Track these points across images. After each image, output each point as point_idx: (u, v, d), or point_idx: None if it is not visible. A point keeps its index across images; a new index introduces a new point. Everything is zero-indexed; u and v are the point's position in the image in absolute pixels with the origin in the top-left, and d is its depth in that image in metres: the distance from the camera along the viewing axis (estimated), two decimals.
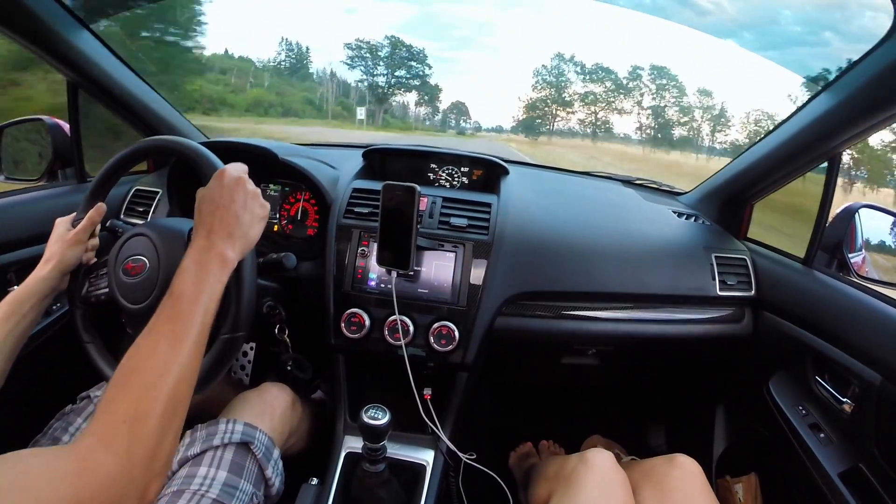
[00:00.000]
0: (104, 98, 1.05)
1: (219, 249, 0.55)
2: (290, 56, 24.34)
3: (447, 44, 66.24)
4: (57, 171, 1.07)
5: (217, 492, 0.65)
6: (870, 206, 0.90)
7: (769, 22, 6.09)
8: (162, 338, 0.47)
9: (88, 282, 0.72)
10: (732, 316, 0.99)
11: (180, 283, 0.51)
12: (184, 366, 0.46)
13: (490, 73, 74.50)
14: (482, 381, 1.15)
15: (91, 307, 0.72)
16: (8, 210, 0.93)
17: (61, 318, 0.94)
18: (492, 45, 77.31)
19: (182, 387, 0.45)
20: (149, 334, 0.47)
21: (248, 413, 0.78)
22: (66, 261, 0.69)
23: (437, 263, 0.88)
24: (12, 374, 0.86)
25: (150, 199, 1.07)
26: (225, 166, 0.62)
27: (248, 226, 0.60)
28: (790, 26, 6.24)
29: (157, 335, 0.47)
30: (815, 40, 7.42)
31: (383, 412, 0.72)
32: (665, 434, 1.35)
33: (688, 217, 1.11)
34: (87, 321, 0.72)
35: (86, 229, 0.70)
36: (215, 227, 0.56)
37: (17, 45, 0.87)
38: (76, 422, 0.72)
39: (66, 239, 0.69)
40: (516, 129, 28.57)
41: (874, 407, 0.72)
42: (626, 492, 0.71)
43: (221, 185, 0.59)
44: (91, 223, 0.71)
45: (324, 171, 1.03)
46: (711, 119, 26.68)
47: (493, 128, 29.27)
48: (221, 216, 0.57)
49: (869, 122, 0.77)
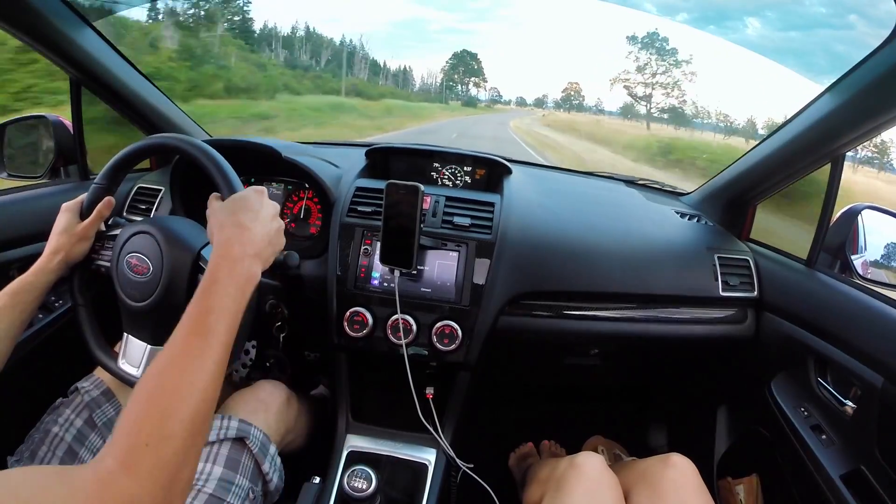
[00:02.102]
0: (107, 96, 1.05)
1: (248, 264, 0.54)
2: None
3: (465, 15, 66.32)
4: (60, 168, 1.07)
5: (213, 487, 0.65)
6: (873, 208, 0.90)
7: (793, 2, 6.06)
8: (187, 355, 0.45)
9: (94, 248, 0.72)
10: (735, 317, 0.99)
11: (209, 297, 0.49)
12: (209, 384, 0.45)
13: (508, 44, 74.74)
14: (484, 381, 1.15)
15: (90, 273, 0.72)
16: (10, 207, 0.93)
17: (63, 316, 0.94)
18: (508, 16, 77.61)
19: (206, 406, 0.44)
20: (173, 348, 0.45)
21: (242, 410, 0.78)
22: (73, 255, 0.69)
23: (440, 262, 0.88)
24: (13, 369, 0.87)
25: (152, 197, 1.07)
26: (261, 188, 0.62)
27: (271, 252, 0.60)
28: (815, 7, 6.20)
29: (182, 351, 0.45)
30: (839, 23, 7.40)
31: (368, 479, 0.72)
32: (666, 434, 1.35)
33: (690, 217, 1.11)
34: (84, 284, 0.72)
35: (94, 224, 0.70)
36: (246, 241, 0.55)
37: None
38: (65, 413, 0.72)
39: (75, 233, 0.69)
40: (540, 103, 29.03)
41: (876, 409, 0.71)
42: (616, 494, 0.70)
43: (262, 203, 0.59)
44: (100, 217, 0.71)
45: (327, 169, 1.03)
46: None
47: (516, 100, 29.75)
48: (255, 233, 0.56)
49: (872, 123, 0.77)
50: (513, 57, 74.06)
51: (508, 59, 72.28)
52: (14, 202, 0.94)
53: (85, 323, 0.71)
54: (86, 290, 0.72)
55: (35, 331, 0.90)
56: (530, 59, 67.83)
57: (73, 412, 0.72)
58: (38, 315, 0.92)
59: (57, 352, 0.92)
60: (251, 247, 0.55)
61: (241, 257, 0.54)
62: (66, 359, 0.86)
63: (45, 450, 0.68)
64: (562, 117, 26.13)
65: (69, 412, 0.72)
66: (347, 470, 0.76)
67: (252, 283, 0.54)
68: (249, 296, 0.53)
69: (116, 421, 0.66)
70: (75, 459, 0.69)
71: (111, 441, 0.39)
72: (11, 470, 0.37)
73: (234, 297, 0.51)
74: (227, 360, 0.48)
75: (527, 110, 27.61)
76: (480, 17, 68.92)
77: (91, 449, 0.71)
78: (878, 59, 0.71)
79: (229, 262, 0.53)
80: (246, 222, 0.57)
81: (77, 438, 0.70)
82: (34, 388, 0.81)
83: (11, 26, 0.82)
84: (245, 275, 0.53)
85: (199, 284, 0.51)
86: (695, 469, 0.73)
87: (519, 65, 69.07)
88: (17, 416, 0.76)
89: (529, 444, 1.29)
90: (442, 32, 29.32)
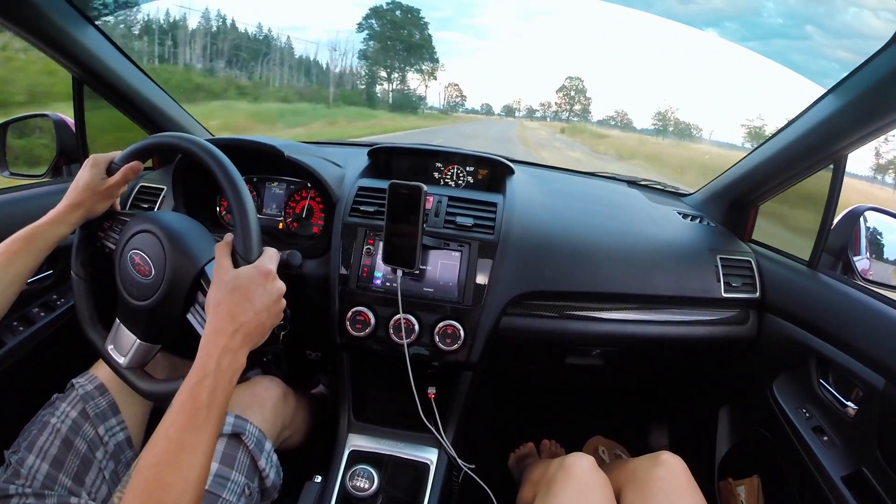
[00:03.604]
0: (110, 94, 1.05)
1: (238, 354, 0.54)
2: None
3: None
4: (62, 167, 1.07)
5: (209, 483, 0.65)
6: (875, 209, 0.90)
7: (752, 13, 6.16)
8: (182, 451, 0.47)
9: (104, 226, 0.72)
10: (737, 318, 0.99)
11: (200, 390, 0.49)
12: (202, 474, 0.47)
13: (471, 52, 74.24)
14: (486, 381, 1.16)
15: (95, 250, 0.72)
16: (12, 206, 0.93)
17: (63, 315, 0.95)
18: (472, 25, 76.95)
19: (200, 489, 0.47)
20: (168, 441, 0.47)
21: (237, 405, 0.78)
22: (95, 212, 0.69)
23: (443, 262, 0.88)
24: (16, 366, 0.87)
25: (154, 196, 1.07)
26: (271, 268, 0.59)
27: (263, 336, 0.59)
28: (773, 18, 6.29)
29: (177, 447, 0.47)
30: (796, 33, 7.50)
31: (370, 478, 0.72)
32: (668, 435, 1.35)
33: (693, 218, 1.12)
34: (87, 259, 0.72)
35: (119, 184, 0.70)
36: (244, 329, 0.54)
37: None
38: (61, 406, 0.73)
39: (99, 190, 0.69)
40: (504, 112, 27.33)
41: (878, 410, 0.72)
42: (605, 495, 0.70)
43: (265, 289, 0.57)
44: (125, 179, 0.70)
45: (329, 169, 1.03)
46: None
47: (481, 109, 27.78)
48: (254, 321, 0.55)
49: (875, 124, 0.77)
50: (477, 65, 73.74)
51: (472, 67, 71.96)
52: (16, 201, 0.94)
53: (81, 297, 0.71)
54: (88, 265, 0.72)
55: (36, 329, 0.90)
56: (495, 68, 67.60)
57: (69, 405, 0.73)
58: (40, 314, 0.92)
59: (57, 350, 0.92)
60: (248, 334, 0.55)
61: (235, 346, 0.53)
62: (65, 357, 0.86)
63: (43, 439, 0.69)
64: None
65: (65, 405, 0.73)
66: (349, 469, 0.75)
67: (239, 371, 0.54)
68: (234, 383, 0.54)
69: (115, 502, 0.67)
70: (71, 448, 0.70)
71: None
72: None
73: (223, 390, 0.51)
74: (215, 444, 0.50)
75: (494, 119, 26.18)
76: (443, 27, 68.08)
77: (84, 438, 0.72)
78: (880, 60, 0.72)
79: (222, 350, 0.52)
80: (253, 307, 0.55)
81: (72, 429, 0.71)
82: (33, 386, 0.82)
83: (14, 24, 0.82)
84: (234, 366, 0.53)
85: (191, 371, 0.51)
86: (685, 467, 0.73)
87: (485, 73, 68.89)
88: (15, 411, 0.76)
89: (530, 445, 1.29)
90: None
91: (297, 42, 24.36)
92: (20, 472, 0.66)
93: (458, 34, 71.32)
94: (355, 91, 16.82)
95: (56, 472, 0.68)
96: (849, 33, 0.65)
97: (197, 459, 0.47)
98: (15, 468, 0.66)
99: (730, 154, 20.05)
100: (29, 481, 0.66)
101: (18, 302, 0.68)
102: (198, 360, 0.52)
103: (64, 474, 0.68)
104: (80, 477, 0.70)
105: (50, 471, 0.67)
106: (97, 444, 0.73)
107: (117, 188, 0.70)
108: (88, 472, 0.71)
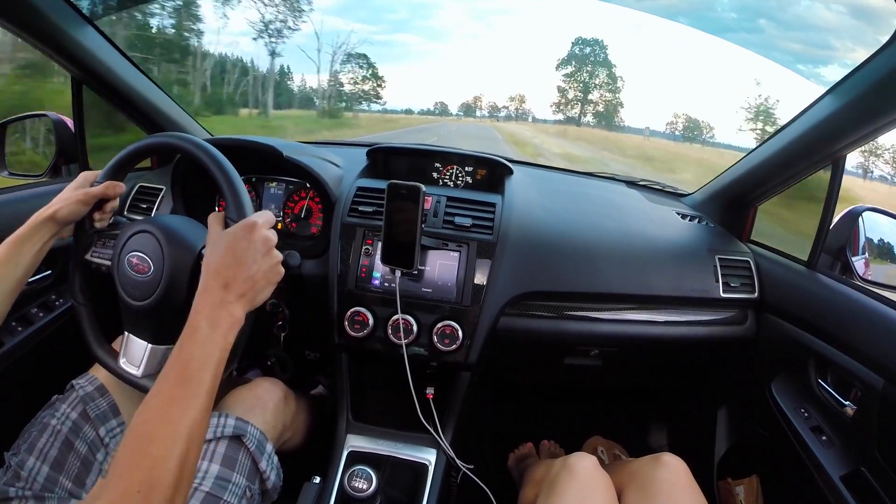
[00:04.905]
0: (109, 95, 1.05)
1: (231, 308, 0.53)
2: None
3: (382, 27, 65.19)
4: (61, 167, 1.07)
5: (210, 485, 0.65)
6: (874, 210, 0.90)
7: (706, 8, 6.15)
8: (173, 404, 0.47)
9: (95, 246, 0.71)
10: (735, 318, 0.99)
11: (190, 344, 0.50)
12: (194, 427, 0.46)
13: (426, 54, 73.80)
14: (484, 381, 1.15)
15: (91, 273, 0.72)
16: (11, 205, 0.93)
17: (62, 315, 0.95)
18: (427, 27, 76.38)
19: (193, 448, 0.46)
20: (159, 397, 0.47)
21: (239, 407, 0.78)
22: (62, 214, 0.67)
23: (442, 263, 0.88)
24: (15, 367, 0.87)
25: (153, 197, 1.07)
26: (257, 220, 0.59)
27: (261, 290, 0.58)
28: (726, 13, 6.25)
29: (167, 400, 0.47)
30: (750, 27, 7.47)
31: (369, 479, 0.72)
32: (667, 435, 1.35)
33: (691, 219, 1.12)
34: (84, 284, 0.72)
35: (96, 195, 0.69)
36: (231, 282, 0.54)
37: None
38: (61, 408, 0.73)
39: (74, 194, 0.68)
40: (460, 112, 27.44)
41: (876, 410, 0.72)
42: (608, 495, 0.70)
43: (249, 241, 0.57)
44: (104, 192, 0.69)
45: (328, 169, 1.03)
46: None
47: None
48: (241, 274, 0.55)
49: (874, 125, 0.77)
50: (434, 67, 73.12)
51: (428, 69, 71.40)
52: (15, 201, 0.94)
53: (85, 322, 0.71)
54: (86, 290, 0.72)
55: (35, 329, 0.90)
56: (454, 68, 67.22)
57: (69, 406, 0.73)
58: (39, 314, 0.92)
59: (56, 351, 0.92)
60: (237, 288, 0.54)
61: (225, 301, 0.53)
62: (64, 358, 0.86)
63: (43, 441, 0.69)
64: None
65: (65, 406, 0.73)
66: (348, 470, 0.76)
67: (235, 327, 0.53)
68: (232, 338, 0.53)
69: (110, 462, 0.67)
70: (71, 449, 0.70)
71: (105, 484, 0.41)
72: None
73: (217, 343, 0.51)
74: (211, 403, 0.49)
75: (450, 119, 26.11)
76: (398, 29, 67.45)
77: (84, 440, 0.72)
78: (879, 60, 0.72)
79: (211, 306, 0.52)
80: (241, 260, 0.56)
81: (72, 430, 0.71)
82: (32, 387, 0.81)
83: (13, 24, 0.82)
84: (228, 320, 0.52)
85: (183, 330, 0.51)
86: (686, 469, 0.73)
87: (441, 74, 68.34)
88: (14, 412, 0.76)
89: (529, 445, 1.29)
90: (359, 45, 28.98)
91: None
92: (20, 475, 0.66)
93: (414, 36, 71.01)
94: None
95: (56, 475, 0.68)
96: (803, 26, 0.63)
97: (190, 412, 0.46)
98: (15, 470, 0.66)
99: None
100: (29, 483, 0.66)
101: (17, 302, 0.68)
102: (190, 315, 0.52)
103: (64, 476, 0.68)
104: (80, 479, 0.69)
105: (50, 473, 0.67)
106: (98, 445, 0.73)
107: (94, 198, 0.69)
108: (89, 473, 0.71)
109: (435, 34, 79.52)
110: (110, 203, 0.72)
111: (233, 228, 0.58)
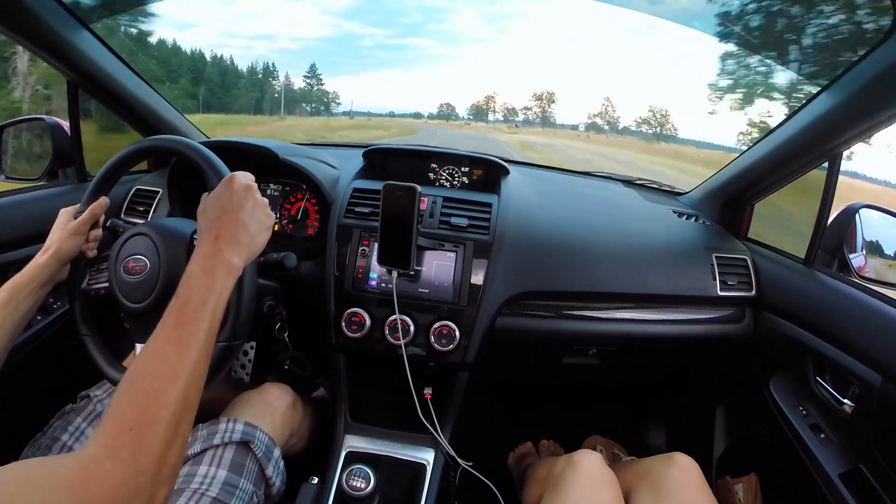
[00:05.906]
0: (105, 98, 1.05)
1: (225, 256, 0.54)
2: None
3: (396, 30, 65.89)
4: (57, 170, 1.07)
5: (217, 490, 0.65)
6: (871, 207, 0.90)
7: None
8: (169, 344, 0.46)
9: (89, 275, 0.72)
10: (733, 316, 0.99)
11: (186, 290, 0.50)
12: (191, 371, 0.45)
13: (438, 57, 74.20)
14: (483, 381, 1.15)
15: (91, 301, 0.72)
16: (8, 209, 0.93)
17: (61, 318, 0.94)
18: (441, 30, 76.85)
19: (190, 392, 0.45)
20: (155, 340, 0.46)
21: (249, 413, 0.78)
22: (64, 250, 0.68)
23: (438, 263, 0.88)
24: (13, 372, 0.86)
25: (150, 199, 1.07)
26: (234, 173, 0.61)
27: (255, 234, 0.59)
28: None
29: (164, 341, 0.46)
30: None
31: (367, 478, 0.72)
32: (665, 434, 1.35)
33: (688, 217, 1.12)
34: (86, 314, 0.72)
35: (86, 221, 0.70)
36: (222, 232, 0.55)
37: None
38: (76, 421, 0.72)
39: (67, 229, 0.69)
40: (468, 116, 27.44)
41: (874, 408, 0.72)
42: (614, 492, 0.70)
43: (230, 191, 0.59)
44: (92, 216, 0.71)
45: (324, 170, 1.03)
46: None
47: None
48: (228, 222, 0.56)
49: (870, 121, 0.77)
50: (448, 71, 73.60)
51: (442, 74, 71.84)
52: (12, 204, 0.94)
53: (93, 352, 0.70)
54: (89, 320, 0.72)
55: (34, 332, 0.90)
56: (469, 72, 67.54)
57: (85, 420, 0.72)
58: (37, 317, 0.92)
59: (56, 353, 0.92)
60: (229, 236, 0.55)
61: (218, 250, 0.54)
62: (65, 360, 0.86)
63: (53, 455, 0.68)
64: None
65: (80, 420, 0.72)
66: (346, 469, 0.75)
67: (232, 273, 0.54)
68: (230, 284, 0.53)
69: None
70: None
71: (97, 430, 0.39)
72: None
73: (211, 288, 0.51)
74: (211, 346, 0.49)
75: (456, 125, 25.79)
76: (412, 33, 67.84)
77: None
78: (874, 57, 0.71)
79: (204, 256, 0.53)
80: (226, 209, 0.57)
81: None
82: (34, 391, 0.82)
83: (8, 28, 0.82)
84: (223, 267, 0.53)
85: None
86: (698, 469, 0.73)
87: (456, 78, 68.67)
88: (17, 418, 0.76)
89: (528, 444, 1.29)
90: (374, 49, 28.54)
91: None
92: None
93: (427, 40, 71.27)
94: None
95: None
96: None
97: (187, 352, 0.46)
98: None
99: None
100: None
101: None
102: (188, 263, 0.53)
103: None
104: None
105: None
106: None
107: (85, 225, 0.70)
108: None
109: (448, 38, 79.73)
110: (93, 232, 0.73)
111: (226, 179, 0.60)
